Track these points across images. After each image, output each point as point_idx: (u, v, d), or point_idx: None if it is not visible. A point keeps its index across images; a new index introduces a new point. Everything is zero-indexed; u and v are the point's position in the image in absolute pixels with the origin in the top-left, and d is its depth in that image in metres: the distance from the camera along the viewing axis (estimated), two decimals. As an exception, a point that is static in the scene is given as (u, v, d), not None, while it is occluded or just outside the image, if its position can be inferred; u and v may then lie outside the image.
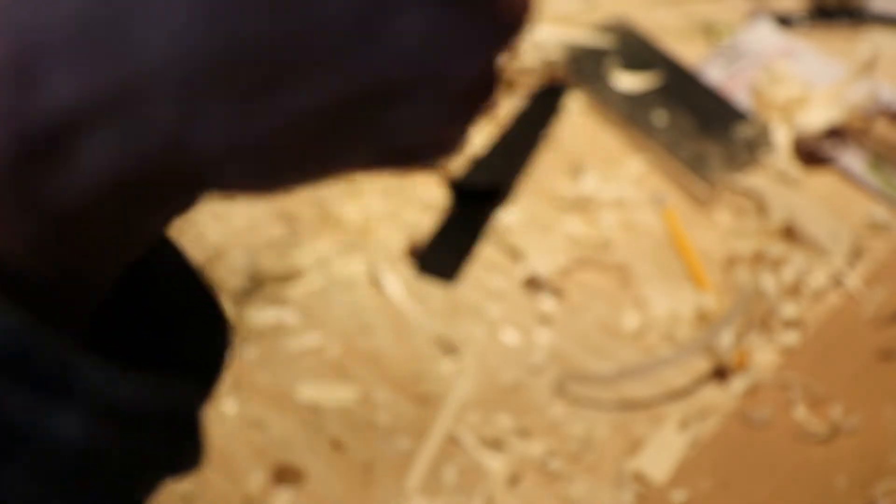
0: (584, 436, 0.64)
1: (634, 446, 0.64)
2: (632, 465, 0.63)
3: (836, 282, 0.72)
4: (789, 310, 0.68)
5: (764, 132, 0.81)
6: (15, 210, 0.22)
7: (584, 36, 0.88)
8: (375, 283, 0.75)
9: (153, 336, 0.30)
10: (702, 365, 0.68)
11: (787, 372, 0.66)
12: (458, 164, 0.82)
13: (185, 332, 0.30)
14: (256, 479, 0.63)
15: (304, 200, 0.81)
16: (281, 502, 0.63)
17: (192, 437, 0.27)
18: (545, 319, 0.72)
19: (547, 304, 0.72)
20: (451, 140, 0.30)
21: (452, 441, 0.65)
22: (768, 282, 0.67)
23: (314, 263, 0.76)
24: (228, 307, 0.73)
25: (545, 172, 0.83)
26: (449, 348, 0.70)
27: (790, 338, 0.69)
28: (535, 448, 0.64)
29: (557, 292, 0.73)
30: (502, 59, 0.29)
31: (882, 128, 0.79)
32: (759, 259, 0.72)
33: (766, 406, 0.64)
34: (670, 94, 0.85)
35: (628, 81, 0.87)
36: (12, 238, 0.23)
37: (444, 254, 0.76)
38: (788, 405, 0.65)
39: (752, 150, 0.80)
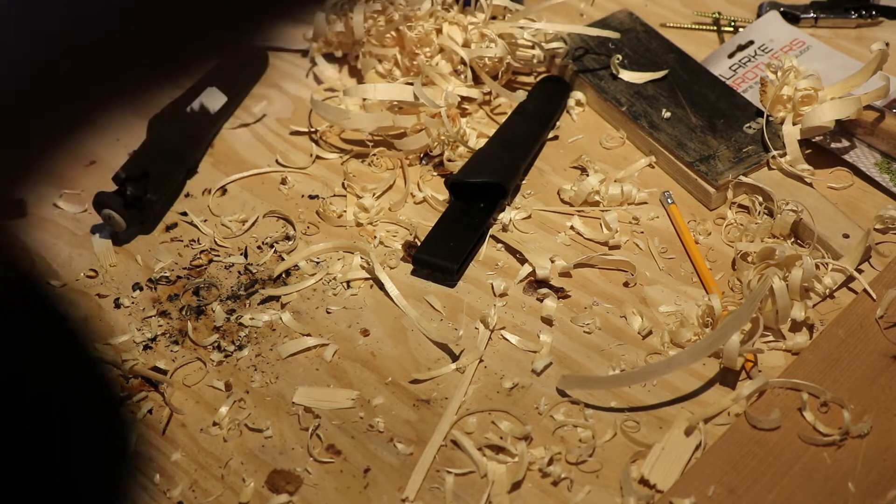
0: (587, 440, 0.63)
1: (639, 451, 0.62)
2: (637, 471, 0.61)
3: (846, 282, 0.70)
4: (798, 311, 0.67)
5: (772, 128, 0.79)
6: None
7: (588, 29, 0.86)
8: (375, 283, 0.74)
9: None
10: (708, 367, 0.67)
11: (796, 374, 0.65)
12: (458, 164, 0.81)
13: None
14: (251, 486, 0.62)
15: (302, 200, 0.80)
16: (277, 509, 0.62)
17: None
18: (547, 320, 0.70)
19: (549, 304, 0.71)
20: None
21: (452, 446, 0.64)
22: (776, 282, 0.65)
23: (312, 264, 0.75)
24: (225, 308, 0.72)
25: (547, 171, 0.82)
26: (449, 350, 0.69)
27: (799, 339, 0.67)
28: (537, 453, 0.62)
29: (560, 293, 0.72)
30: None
31: (893, 124, 0.77)
32: (767, 259, 0.70)
33: (773, 410, 0.63)
34: (676, 89, 0.84)
35: (633, 76, 0.85)
36: None
37: (443, 254, 0.75)
38: (797, 409, 0.63)
39: (759, 146, 0.78)
